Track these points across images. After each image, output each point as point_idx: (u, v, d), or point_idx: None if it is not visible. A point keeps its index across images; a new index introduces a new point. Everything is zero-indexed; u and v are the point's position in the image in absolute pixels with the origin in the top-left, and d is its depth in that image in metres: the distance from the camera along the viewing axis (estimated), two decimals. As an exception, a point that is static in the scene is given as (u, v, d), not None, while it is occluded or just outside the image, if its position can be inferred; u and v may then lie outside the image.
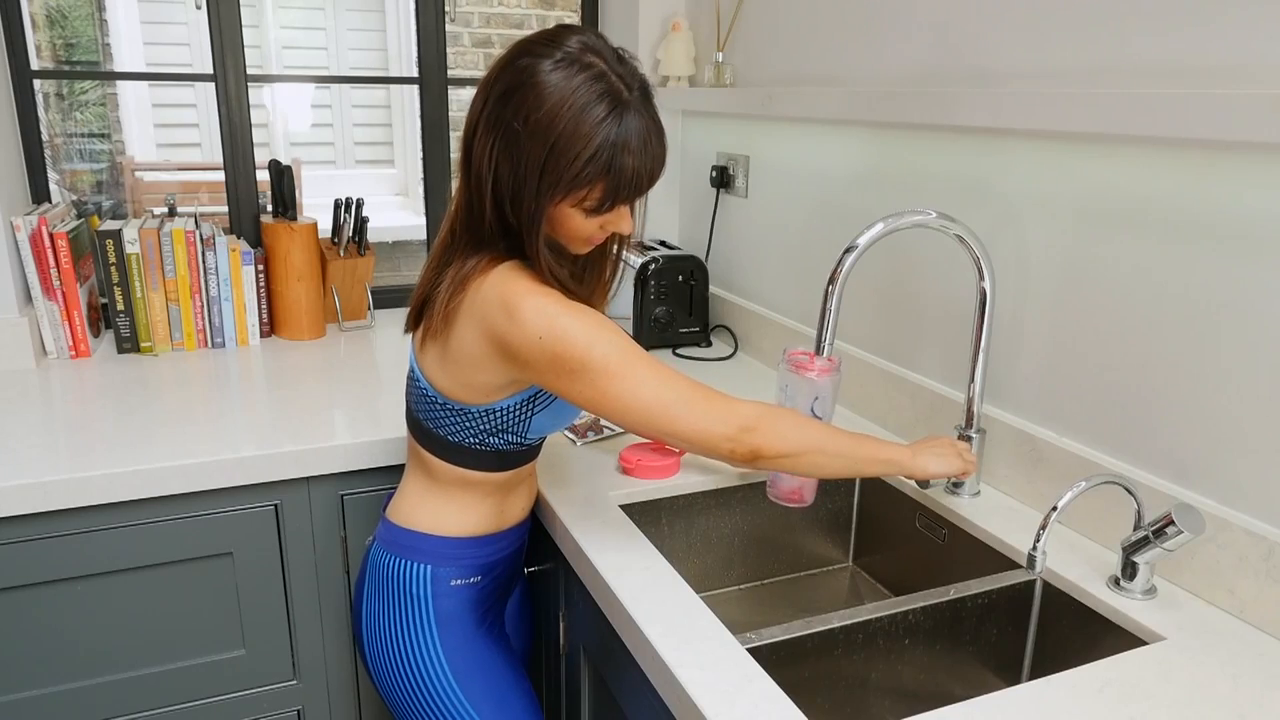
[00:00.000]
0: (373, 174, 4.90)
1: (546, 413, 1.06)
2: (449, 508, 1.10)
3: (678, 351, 1.86)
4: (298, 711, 1.44)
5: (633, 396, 0.96)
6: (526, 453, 1.11)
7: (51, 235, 1.64)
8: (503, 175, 0.94)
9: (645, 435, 1.00)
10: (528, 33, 1.00)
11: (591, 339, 0.94)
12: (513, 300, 0.95)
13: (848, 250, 1.06)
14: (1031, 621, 1.08)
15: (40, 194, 1.83)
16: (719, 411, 0.98)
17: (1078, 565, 1.05)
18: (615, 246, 1.10)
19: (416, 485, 1.12)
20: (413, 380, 1.09)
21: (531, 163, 0.92)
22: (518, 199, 0.94)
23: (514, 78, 0.92)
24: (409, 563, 1.10)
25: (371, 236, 1.96)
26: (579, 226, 0.97)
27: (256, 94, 4.24)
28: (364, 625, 1.13)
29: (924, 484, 1.17)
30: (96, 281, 1.82)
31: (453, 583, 1.10)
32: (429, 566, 1.09)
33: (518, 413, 1.05)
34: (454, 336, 1.00)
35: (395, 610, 1.10)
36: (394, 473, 1.37)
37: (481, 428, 1.05)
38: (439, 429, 1.06)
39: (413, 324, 1.08)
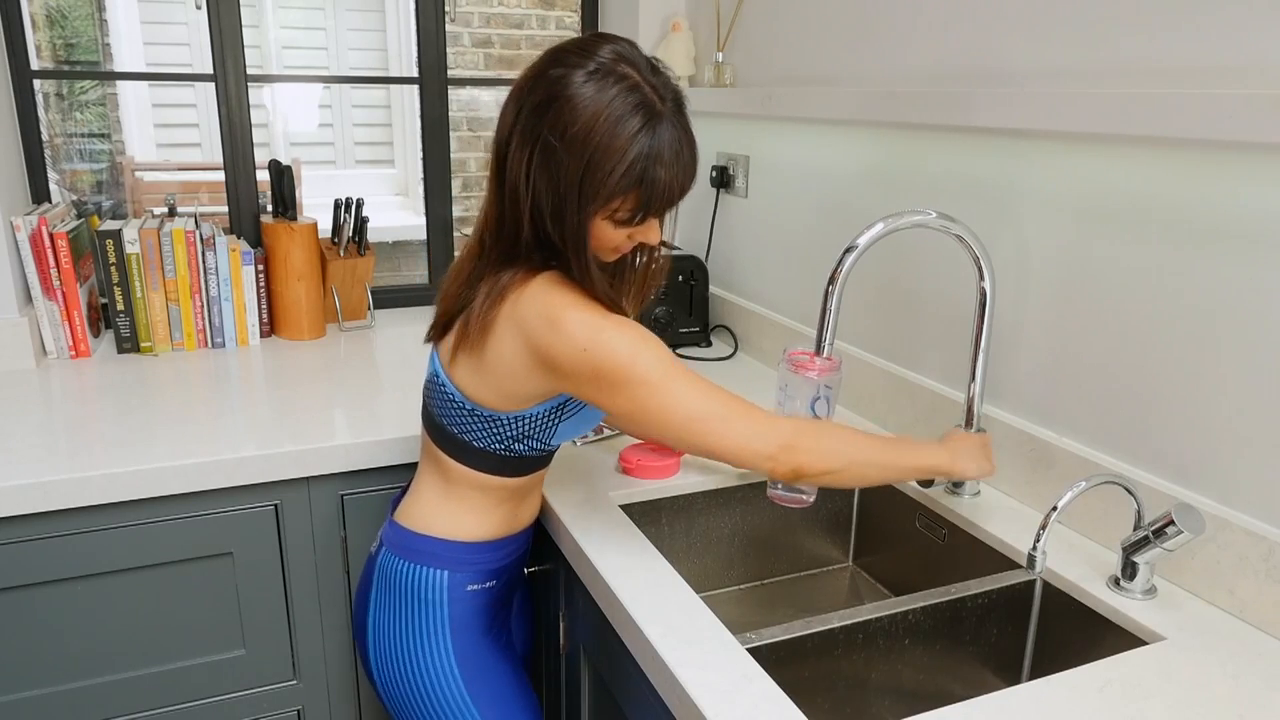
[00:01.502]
0: (373, 174, 4.90)
1: (573, 420, 1.07)
2: (465, 512, 1.10)
3: (678, 351, 1.86)
4: (298, 711, 1.44)
5: (672, 411, 0.95)
6: (545, 458, 1.11)
7: (51, 235, 1.65)
8: (540, 190, 0.94)
9: (684, 449, 0.99)
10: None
11: (635, 352, 0.94)
12: (556, 313, 0.95)
13: (848, 250, 1.06)
14: (1031, 621, 1.08)
15: (40, 194, 1.83)
16: (759, 428, 0.97)
17: (1078, 565, 1.05)
18: (645, 257, 1.09)
19: (432, 490, 1.11)
20: (439, 387, 1.08)
21: (570, 177, 0.91)
22: (558, 214, 0.94)
23: (548, 89, 0.91)
24: (423, 568, 1.09)
25: (371, 236, 1.97)
26: (608, 237, 0.97)
27: (256, 94, 4.24)
28: (370, 631, 1.13)
29: (925, 484, 1.17)
30: (96, 281, 1.82)
31: (468, 588, 1.10)
32: (445, 572, 1.09)
33: (545, 420, 1.05)
34: (491, 348, 0.99)
35: (407, 615, 1.09)
36: (395, 473, 1.37)
37: (509, 434, 1.05)
38: (464, 434, 1.06)
39: (438, 335, 1.08)
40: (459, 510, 1.10)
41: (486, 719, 1.09)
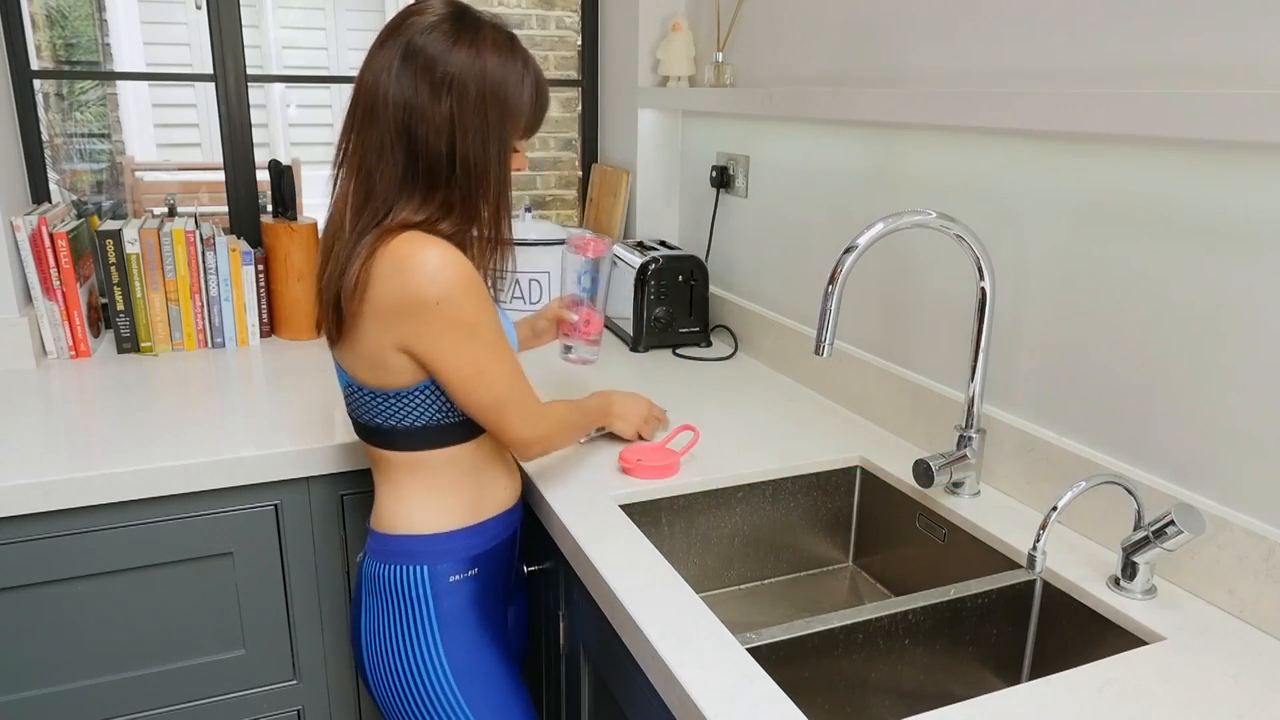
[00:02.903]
0: (374, 175, 4.89)
1: None
2: (427, 502, 1.10)
3: (678, 351, 1.86)
4: (298, 711, 1.44)
5: (478, 380, 1.04)
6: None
7: (51, 235, 1.65)
8: (469, 132, 1.01)
9: (470, 412, 1.08)
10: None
11: (478, 314, 1.02)
12: (412, 257, 0.99)
13: (848, 250, 1.06)
14: (1031, 621, 1.08)
15: (40, 194, 1.83)
16: (531, 415, 1.11)
17: (1078, 565, 1.05)
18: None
19: (391, 490, 1.12)
20: (345, 386, 1.11)
21: (493, 112, 1.01)
22: (482, 153, 1.02)
23: (441, 69, 0.99)
24: (404, 567, 1.09)
25: (371, 236, 1.96)
26: (519, 164, 1.10)
27: (257, 94, 4.24)
28: (363, 637, 1.13)
29: (925, 484, 1.17)
30: (96, 281, 1.82)
31: (451, 579, 1.10)
32: (424, 566, 1.09)
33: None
34: (360, 310, 1.02)
35: (396, 616, 1.10)
36: (394, 473, 1.37)
37: (421, 404, 1.06)
38: (388, 420, 1.07)
39: (333, 326, 1.06)
40: (420, 502, 1.10)
41: (480, 718, 1.09)
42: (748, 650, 0.89)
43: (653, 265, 1.83)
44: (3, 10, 1.72)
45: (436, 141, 1.00)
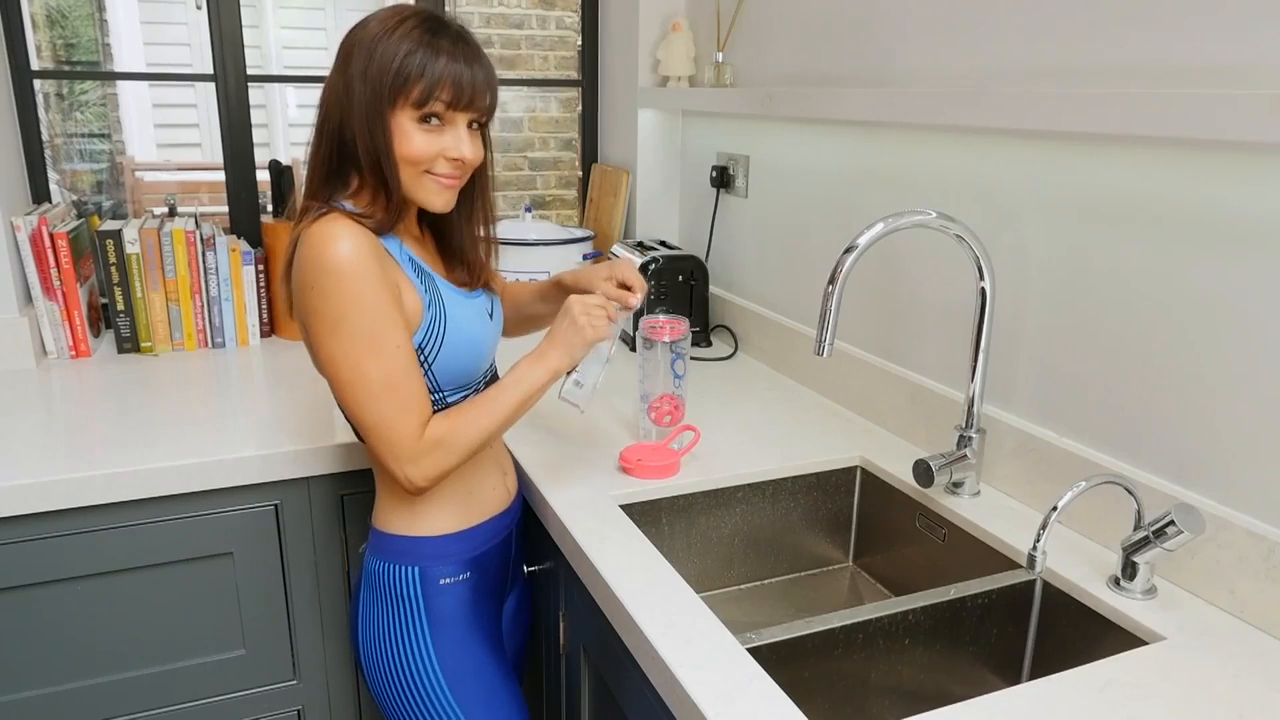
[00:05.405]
0: (372, 174, 4.89)
1: (442, 355, 1.05)
2: (415, 504, 1.10)
3: (678, 351, 1.86)
4: (298, 711, 1.44)
5: (340, 386, 1.00)
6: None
7: (51, 235, 1.65)
8: (342, 99, 0.99)
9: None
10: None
11: (345, 304, 0.95)
12: (313, 238, 0.97)
13: (848, 250, 1.06)
14: (1031, 621, 1.08)
15: (40, 194, 1.83)
16: (404, 445, 1.00)
17: (1078, 565, 1.05)
18: (481, 220, 1.14)
19: (386, 489, 1.12)
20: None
21: (356, 75, 0.97)
22: (361, 119, 0.98)
23: (348, 47, 1.01)
24: (398, 566, 1.10)
25: (371, 236, 1.96)
26: (416, 145, 0.99)
27: (257, 94, 4.24)
28: (359, 630, 1.14)
29: (925, 484, 1.17)
30: (97, 281, 1.82)
31: (442, 581, 1.10)
32: (417, 568, 1.10)
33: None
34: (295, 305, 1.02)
35: (389, 613, 1.10)
36: (394, 473, 1.37)
37: None
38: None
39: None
40: (408, 504, 1.10)
41: (470, 717, 1.09)
42: (748, 650, 0.89)
43: (653, 265, 1.83)
44: (3, 10, 1.72)
45: (334, 114, 1.00)
